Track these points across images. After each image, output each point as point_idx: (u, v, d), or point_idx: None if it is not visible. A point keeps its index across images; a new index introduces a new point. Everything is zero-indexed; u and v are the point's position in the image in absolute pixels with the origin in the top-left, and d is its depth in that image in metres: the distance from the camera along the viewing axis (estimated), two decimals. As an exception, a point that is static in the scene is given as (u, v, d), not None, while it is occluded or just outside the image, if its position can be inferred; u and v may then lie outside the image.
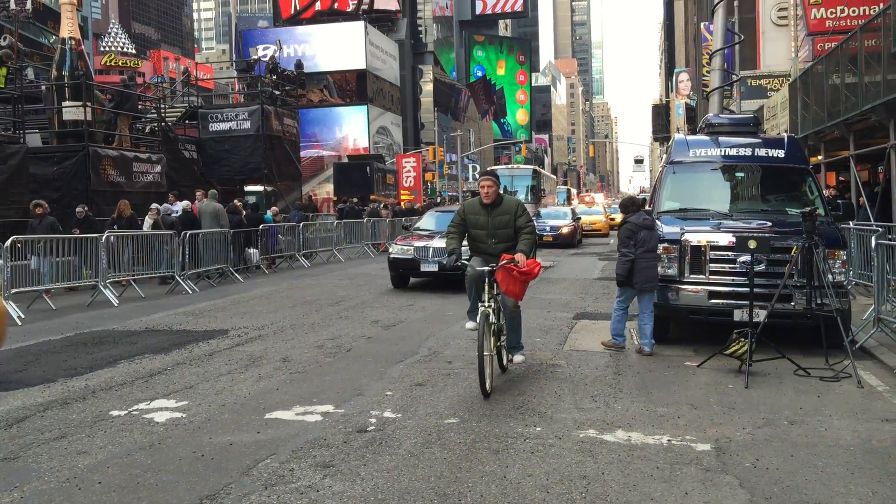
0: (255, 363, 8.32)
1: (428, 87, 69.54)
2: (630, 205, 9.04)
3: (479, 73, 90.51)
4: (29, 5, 33.75)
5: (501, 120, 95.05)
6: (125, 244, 14.34)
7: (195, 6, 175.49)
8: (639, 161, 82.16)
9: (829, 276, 7.99)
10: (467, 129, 77.36)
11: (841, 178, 20.52)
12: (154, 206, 16.84)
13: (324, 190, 44.57)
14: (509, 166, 45.60)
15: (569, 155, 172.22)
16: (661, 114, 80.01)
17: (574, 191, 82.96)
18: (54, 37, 28.51)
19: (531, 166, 43.30)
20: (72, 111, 19.25)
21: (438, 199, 43.64)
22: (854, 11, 21.96)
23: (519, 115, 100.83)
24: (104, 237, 13.84)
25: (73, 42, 19.48)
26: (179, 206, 17.03)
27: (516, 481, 4.81)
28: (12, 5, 29.15)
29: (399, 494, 4.61)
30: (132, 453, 5.39)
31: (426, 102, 69.33)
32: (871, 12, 18.54)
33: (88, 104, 19.12)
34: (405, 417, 6.21)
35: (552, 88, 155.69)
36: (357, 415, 6.30)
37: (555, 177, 71.96)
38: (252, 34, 55.62)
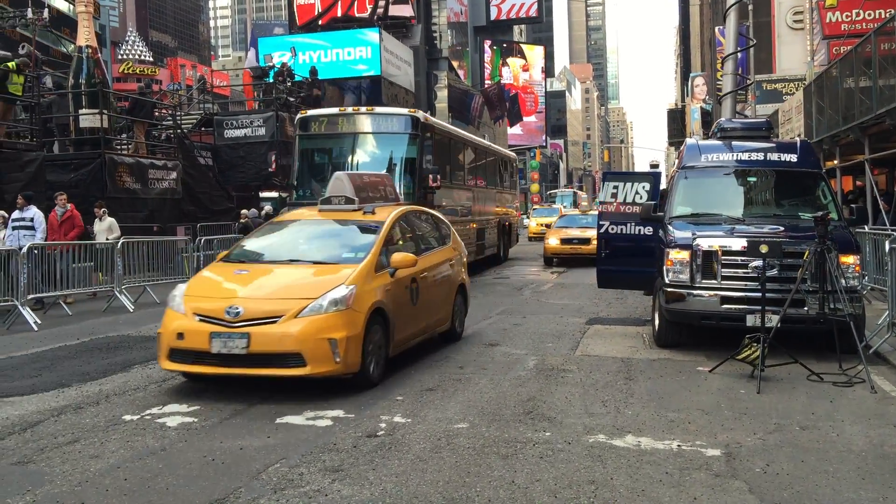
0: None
1: (443, 92, 69.42)
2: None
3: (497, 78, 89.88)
4: (46, 14, 34.06)
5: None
6: (139, 249, 14.48)
7: (212, 14, 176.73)
8: (654, 166, 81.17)
9: (843, 281, 7.94)
10: (482, 134, 77.22)
11: (858, 183, 20.36)
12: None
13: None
14: (355, 110, 18.48)
15: (584, 160, 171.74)
16: (676, 118, 79.59)
17: (583, 194, 78.83)
18: (72, 45, 28.76)
19: (406, 111, 17.64)
20: (88, 118, 19.45)
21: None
22: (869, 15, 21.87)
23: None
24: (120, 243, 13.97)
25: (90, 50, 19.69)
26: (33, 212, 15.43)
27: (524, 486, 4.82)
28: (30, 14, 29.41)
29: (407, 499, 4.63)
30: (144, 457, 5.44)
31: (441, 108, 69.25)
32: (887, 15, 18.43)
33: (105, 112, 19.30)
34: (415, 422, 6.22)
35: (567, 93, 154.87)
36: (367, 419, 6.32)
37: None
38: (267, 41, 55.86)
